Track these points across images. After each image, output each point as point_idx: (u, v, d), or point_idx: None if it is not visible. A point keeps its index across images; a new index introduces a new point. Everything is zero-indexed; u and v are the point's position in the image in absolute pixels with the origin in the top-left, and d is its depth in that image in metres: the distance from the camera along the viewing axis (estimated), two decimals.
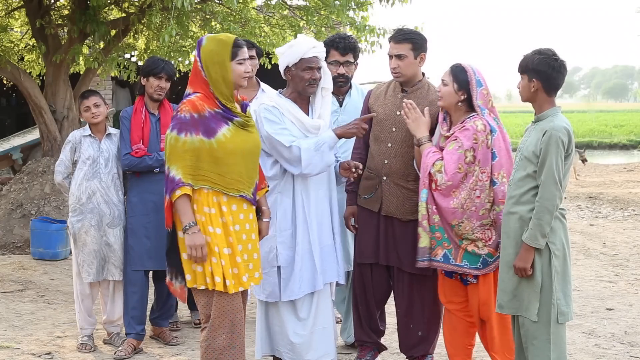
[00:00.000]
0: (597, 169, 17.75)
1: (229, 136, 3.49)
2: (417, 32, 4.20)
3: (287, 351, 4.00)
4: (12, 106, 17.86)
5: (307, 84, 3.96)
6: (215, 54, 3.50)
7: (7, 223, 8.13)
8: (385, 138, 4.19)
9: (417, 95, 4.16)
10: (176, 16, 7.52)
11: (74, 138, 4.81)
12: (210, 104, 3.50)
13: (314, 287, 3.97)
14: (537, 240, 3.49)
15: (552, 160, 3.45)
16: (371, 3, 8.78)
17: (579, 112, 52.22)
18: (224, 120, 3.51)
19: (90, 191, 4.70)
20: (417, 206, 4.07)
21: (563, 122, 3.52)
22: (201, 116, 3.46)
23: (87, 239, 4.70)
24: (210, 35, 3.61)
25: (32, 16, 8.54)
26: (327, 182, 4.10)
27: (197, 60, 3.55)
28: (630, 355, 4.73)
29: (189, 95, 3.55)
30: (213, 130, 3.46)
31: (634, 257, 7.78)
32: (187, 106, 3.47)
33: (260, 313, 4.11)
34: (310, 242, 3.96)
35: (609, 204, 11.57)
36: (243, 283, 3.52)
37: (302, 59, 3.93)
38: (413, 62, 4.11)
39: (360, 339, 4.41)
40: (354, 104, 4.70)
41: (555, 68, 3.54)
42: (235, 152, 3.51)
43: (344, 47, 4.57)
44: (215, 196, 3.49)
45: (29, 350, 4.75)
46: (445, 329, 4.17)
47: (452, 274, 3.99)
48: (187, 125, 3.43)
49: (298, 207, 3.96)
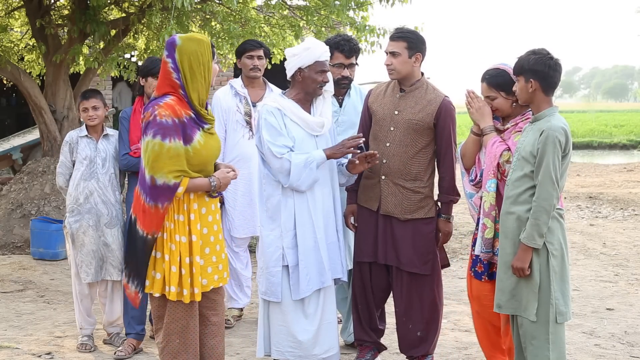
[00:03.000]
0: (597, 169, 17.73)
1: (202, 143, 3.42)
2: (415, 33, 4.20)
3: (292, 349, 4.01)
4: (12, 106, 17.88)
5: (318, 86, 4.02)
6: (200, 54, 3.37)
7: (7, 223, 8.14)
8: (383, 137, 4.19)
9: (415, 95, 4.16)
10: (176, 16, 7.53)
11: (71, 138, 4.81)
12: (184, 108, 3.39)
13: (322, 283, 4.02)
14: (534, 240, 3.49)
15: (550, 160, 3.46)
16: (371, 3, 8.78)
17: (578, 112, 52.18)
18: (196, 126, 3.41)
19: (88, 191, 4.70)
20: (415, 205, 4.09)
21: (560, 122, 3.52)
22: (180, 121, 3.35)
23: (85, 239, 4.70)
24: (182, 35, 3.46)
25: (32, 16, 8.54)
26: (331, 180, 4.13)
27: (167, 63, 3.39)
28: (630, 355, 4.73)
29: (158, 98, 3.40)
30: (190, 136, 3.38)
31: (634, 257, 7.77)
32: (166, 110, 3.33)
33: (262, 313, 4.12)
34: (316, 240, 3.99)
35: (609, 204, 11.56)
36: (204, 287, 3.49)
37: (317, 62, 3.98)
38: (407, 61, 4.11)
39: (360, 338, 4.42)
40: (353, 104, 4.71)
41: (551, 67, 3.54)
42: (207, 159, 3.47)
43: (349, 50, 4.57)
44: (186, 203, 3.43)
45: (29, 350, 4.76)
46: (479, 332, 4.14)
47: (481, 276, 3.98)
48: (170, 130, 3.31)
49: (303, 207, 3.98)
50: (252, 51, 5.20)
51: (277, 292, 4.00)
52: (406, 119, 4.14)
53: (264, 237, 4.07)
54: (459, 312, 5.66)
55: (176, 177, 3.33)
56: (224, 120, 5.21)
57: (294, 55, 4.01)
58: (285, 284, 3.99)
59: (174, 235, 3.40)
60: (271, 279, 4.00)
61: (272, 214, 4.02)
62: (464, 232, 9.10)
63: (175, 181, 3.33)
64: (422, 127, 4.13)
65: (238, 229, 5.26)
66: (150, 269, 3.44)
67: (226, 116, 5.20)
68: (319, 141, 4.06)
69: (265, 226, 4.05)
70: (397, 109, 4.16)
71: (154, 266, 3.44)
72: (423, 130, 4.14)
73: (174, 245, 3.39)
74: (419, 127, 4.13)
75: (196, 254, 3.43)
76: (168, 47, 3.40)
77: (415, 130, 4.13)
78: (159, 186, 3.32)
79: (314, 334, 4.01)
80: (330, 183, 4.12)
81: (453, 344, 4.95)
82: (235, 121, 5.18)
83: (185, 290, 3.40)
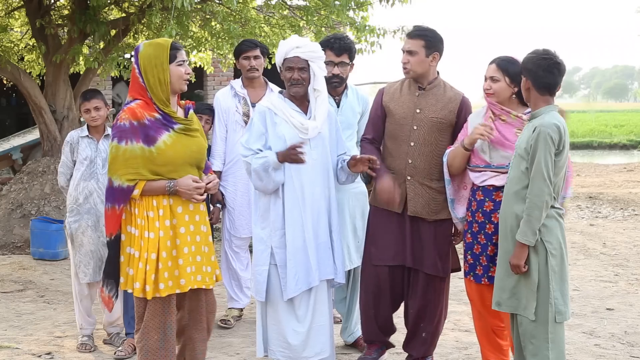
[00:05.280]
0: (597, 169, 17.73)
1: (169, 143, 3.50)
2: (433, 31, 4.12)
3: (283, 350, 3.99)
4: (12, 106, 17.89)
5: (289, 84, 3.97)
6: (154, 57, 3.50)
7: (7, 223, 8.14)
8: (406, 137, 4.13)
9: (434, 93, 4.13)
10: (176, 16, 7.52)
11: (72, 138, 4.80)
12: (150, 110, 3.52)
13: (309, 283, 3.96)
14: (527, 237, 3.49)
15: (541, 157, 3.47)
16: (371, 3, 8.78)
17: (579, 112, 52.13)
18: (164, 127, 3.52)
19: (88, 192, 4.69)
20: (440, 206, 4.09)
21: (554, 118, 3.53)
22: (140, 124, 3.47)
23: (84, 240, 4.70)
24: (147, 41, 3.63)
25: (32, 16, 8.54)
26: (324, 180, 4.04)
27: (134, 68, 3.56)
28: (630, 355, 4.73)
29: (128, 103, 3.56)
30: (153, 137, 3.47)
31: (634, 257, 7.77)
32: (126, 114, 3.48)
33: (259, 313, 4.11)
34: (305, 240, 3.94)
35: (609, 204, 11.57)
36: (181, 286, 3.55)
37: (285, 59, 3.95)
38: (424, 60, 4.07)
39: (369, 338, 4.37)
40: (350, 104, 4.69)
41: (542, 66, 3.55)
42: (176, 159, 3.52)
43: (339, 47, 4.54)
44: (155, 200, 3.51)
45: (29, 350, 4.76)
46: (479, 333, 4.14)
47: (480, 278, 3.97)
48: (127, 133, 3.44)
49: (293, 206, 3.94)
50: (249, 52, 5.19)
51: (262, 291, 3.97)
52: (429, 117, 4.10)
53: (254, 236, 4.05)
54: (459, 312, 5.66)
55: (130, 180, 3.46)
56: (224, 121, 5.21)
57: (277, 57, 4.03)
58: (276, 284, 3.97)
59: (143, 232, 3.51)
60: (257, 278, 3.98)
61: (263, 213, 4.00)
62: None
63: (129, 184, 3.46)
64: (444, 125, 4.11)
65: (238, 228, 5.26)
66: (125, 266, 3.57)
67: (226, 116, 5.21)
68: (311, 139, 3.99)
69: (256, 225, 4.03)
70: (419, 108, 4.12)
71: (129, 262, 3.56)
72: (445, 128, 4.12)
73: (143, 241, 3.51)
74: (442, 125, 4.11)
75: (163, 249, 3.51)
76: (134, 54, 3.58)
77: (439, 129, 4.11)
78: (115, 188, 3.48)
79: (304, 336, 3.97)
80: (321, 183, 4.02)
81: (453, 344, 4.94)
82: (235, 122, 5.18)
83: (147, 287, 3.48)
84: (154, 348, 3.56)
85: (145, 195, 3.49)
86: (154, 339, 3.55)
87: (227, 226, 5.29)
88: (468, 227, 4.04)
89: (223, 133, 5.19)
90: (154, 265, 3.49)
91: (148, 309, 3.55)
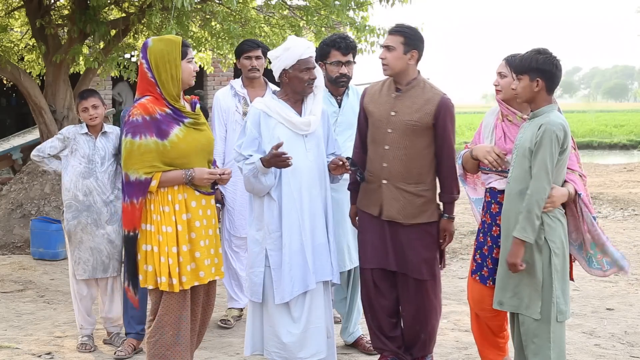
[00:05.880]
0: (597, 169, 17.71)
1: (181, 137, 3.60)
2: (413, 29, 4.03)
3: (278, 350, 3.97)
4: (12, 106, 17.89)
5: (306, 84, 3.95)
6: (166, 53, 3.58)
7: (7, 223, 8.14)
8: (381, 140, 4.06)
9: (411, 94, 4.03)
10: (176, 16, 7.53)
11: (69, 133, 4.79)
12: (160, 105, 3.59)
13: (306, 286, 3.93)
14: (525, 233, 3.49)
15: (545, 154, 3.46)
16: (371, 3, 8.78)
17: (578, 112, 52.14)
18: (174, 121, 3.61)
19: (87, 189, 4.69)
20: (418, 210, 4.01)
21: (559, 118, 3.54)
22: (153, 118, 3.55)
23: (84, 237, 4.70)
24: (155, 37, 3.68)
25: (32, 16, 8.54)
26: (320, 181, 4.04)
27: (142, 64, 3.61)
28: (630, 355, 4.73)
29: (138, 99, 3.62)
30: (165, 132, 3.56)
31: (634, 257, 7.77)
32: (138, 109, 3.55)
33: (250, 312, 4.10)
34: (302, 242, 3.92)
35: (609, 204, 11.56)
36: (200, 278, 3.65)
37: (300, 60, 3.91)
38: (401, 57, 3.99)
39: (377, 346, 4.33)
40: (351, 105, 4.69)
41: (558, 67, 3.58)
42: (189, 152, 3.62)
43: (346, 46, 4.56)
44: (170, 194, 3.59)
45: (29, 350, 4.76)
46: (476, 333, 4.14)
47: (486, 280, 3.94)
48: (140, 127, 3.52)
49: (290, 208, 3.92)
50: (250, 52, 5.19)
51: (259, 293, 3.96)
52: (403, 120, 4.00)
53: (249, 237, 4.04)
54: (459, 312, 5.66)
55: (147, 173, 3.53)
56: (224, 120, 5.21)
57: (276, 58, 3.97)
58: (271, 286, 3.95)
59: (161, 227, 3.56)
60: (254, 279, 3.97)
61: (257, 215, 3.99)
62: (464, 232, 9.10)
63: (147, 176, 3.53)
64: (420, 128, 3.99)
65: (238, 228, 5.26)
66: (142, 263, 3.60)
67: (226, 116, 5.21)
68: (307, 141, 3.99)
69: (252, 226, 4.02)
70: (394, 110, 4.03)
71: (146, 260, 3.60)
72: (422, 131, 4.00)
73: (161, 236, 3.56)
74: (417, 128, 3.99)
75: (182, 243, 3.58)
76: (142, 50, 3.63)
77: (414, 132, 3.99)
78: (132, 182, 3.54)
79: (300, 337, 3.95)
80: (319, 184, 4.02)
81: (453, 344, 4.94)
82: (234, 121, 5.17)
83: (174, 280, 3.54)
84: (168, 343, 3.58)
85: (162, 186, 3.56)
86: (168, 335, 3.58)
87: (227, 226, 5.29)
88: (482, 225, 4.02)
89: (223, 133, 5.19)
90: (176, 258, 3.55)
91: (162, 304, 3.59)
